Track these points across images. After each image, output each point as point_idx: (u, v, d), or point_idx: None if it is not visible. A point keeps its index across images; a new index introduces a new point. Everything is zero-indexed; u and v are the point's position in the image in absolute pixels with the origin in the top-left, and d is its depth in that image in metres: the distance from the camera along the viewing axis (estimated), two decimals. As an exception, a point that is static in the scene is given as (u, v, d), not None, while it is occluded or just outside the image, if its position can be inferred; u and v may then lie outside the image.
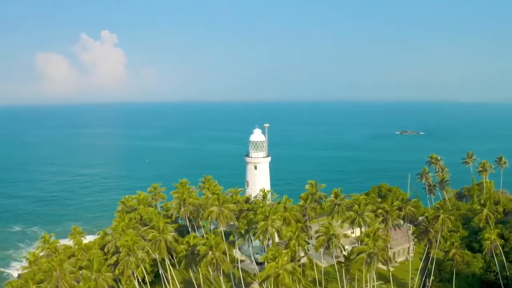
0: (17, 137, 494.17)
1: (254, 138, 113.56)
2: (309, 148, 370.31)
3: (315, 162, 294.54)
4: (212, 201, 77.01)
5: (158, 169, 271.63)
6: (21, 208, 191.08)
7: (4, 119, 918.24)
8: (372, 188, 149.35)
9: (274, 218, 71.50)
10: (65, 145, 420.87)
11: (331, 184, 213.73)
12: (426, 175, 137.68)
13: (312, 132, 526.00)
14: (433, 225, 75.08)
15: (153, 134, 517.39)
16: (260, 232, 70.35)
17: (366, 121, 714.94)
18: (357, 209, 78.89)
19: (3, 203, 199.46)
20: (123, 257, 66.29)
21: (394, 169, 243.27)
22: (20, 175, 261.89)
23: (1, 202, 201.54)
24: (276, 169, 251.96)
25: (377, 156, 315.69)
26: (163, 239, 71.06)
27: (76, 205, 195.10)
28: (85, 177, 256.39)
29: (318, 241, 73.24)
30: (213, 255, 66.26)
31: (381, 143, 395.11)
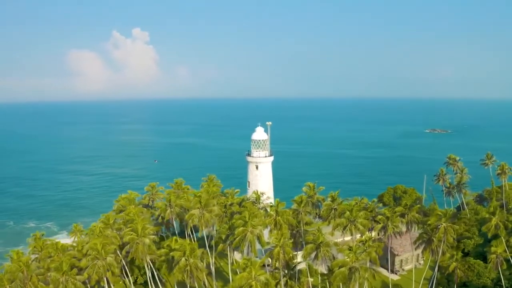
0: (47, 133, 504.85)
1: (256, 136, 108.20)
2: (333, 146, 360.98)
3: (336, 161, 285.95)
4: (194, 203, 72.12)
5: (183, 166, 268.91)
6: (39, 204, 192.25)
7: (38, 115, 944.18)
8: (388, 190, 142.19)
9: (254, 223, 65.88)
10: (95, 141, 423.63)
11: (347, 185, 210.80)
12: (443, 176, 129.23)
13: (340, 129, 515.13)
14: (436, 234, 67.80)
15: (182, 131, 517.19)
16: (238, 238, 64.99)
17: (396, 119, 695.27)
18: (349, 215, 72.22)
19: (22, 198, 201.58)
20: (91, 260, 62.54)
21: (414, 169, 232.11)
22: (44, 171, 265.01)
23: (20, 197, 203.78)
24: (292, 168, 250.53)
25: (402, 155, 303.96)
26: (141, 242, 66.68)
27: (95, 203, 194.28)
28: (109, 175, 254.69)
29: (306, 249, 67.18)
30: (186, 261, 61.39)
31: (408, 141, 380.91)
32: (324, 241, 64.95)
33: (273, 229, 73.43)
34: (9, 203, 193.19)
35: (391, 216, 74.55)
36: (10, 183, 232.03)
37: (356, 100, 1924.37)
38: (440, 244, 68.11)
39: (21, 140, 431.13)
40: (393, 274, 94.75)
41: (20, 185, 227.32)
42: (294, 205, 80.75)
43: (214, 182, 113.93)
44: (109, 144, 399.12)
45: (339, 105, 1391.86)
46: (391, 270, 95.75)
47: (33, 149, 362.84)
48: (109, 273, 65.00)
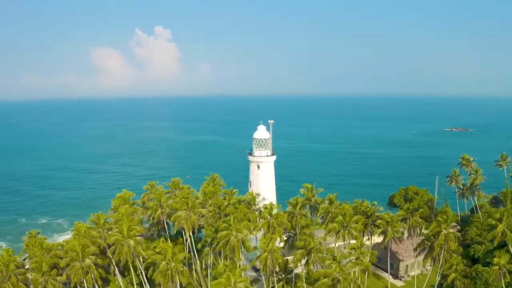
0: (69, 131, 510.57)
1: (258, 135, 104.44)
2: (348, 144, 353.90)
3: (350, 160, 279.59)
4: (180, 205, 68.88)
5: (198, 163, 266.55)
6: (53, 201, 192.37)
7: (61, 112, 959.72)
8: (399, 191, 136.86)
9: (240, 227, 62.21)
10: (115, 139, 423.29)
11: (358, 185, 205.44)
12: (456, 178, 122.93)
13: (357, 127, 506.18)
14: (436, 241, 62.89)
15: (202, 128, 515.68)
16: (222, 243, 61.46)
17: (416, 117, 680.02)
18: (341, 220, 67.73)
19: (38, 195, 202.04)
20: (69, 262, 60.19)
21: (430, 169, 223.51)
22: (62, 169, 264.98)
23: (36, 194, 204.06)
24: (301, 167, 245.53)
25: (418, 154, 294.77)
26: (125, 243, 63.91)
27: (109, 201, 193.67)
28: (127, 172, 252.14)
29: (295, 255, 63.20)
30: (167, 265, 58.26)
31: (426, 140, 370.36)
32: (316, 246, 60.82)
33: (266, 233, 69.70)
34: (23, 199, 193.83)
35: (391, 221, 69.80)
36: (27, 180, 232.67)
37: (373, 97, 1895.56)
38: (441, 251, 63.08)
39: (42, 137, 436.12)
40: (397, 280, 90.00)
41: (36, 182, 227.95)
42: (289, 208, 76.81)
43: (217, 181, 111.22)
44: (129, 141, 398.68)
45: (356, 102, 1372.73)
46: (395, 275, 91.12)
47: (54, 146, 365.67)
48: (88, 275, 62.56)
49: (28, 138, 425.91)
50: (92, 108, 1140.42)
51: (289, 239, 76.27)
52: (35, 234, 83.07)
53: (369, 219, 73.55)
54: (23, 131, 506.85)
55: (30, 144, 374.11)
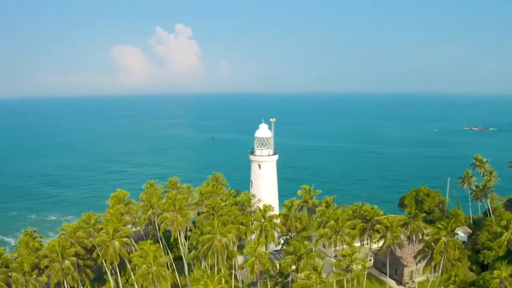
0: (88, 128, 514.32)
1: (259, 134, 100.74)
2: (365, 143, 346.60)
3: (366, 159, 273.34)
4: (168, 206, 65.93)
5: (211, 161, 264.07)
6: (64, 198, 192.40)
7: (82, 110, 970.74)
8: (410, 192, 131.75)
9: (224, 230, 58.90)
10: (132, 136, 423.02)
11: (370, 185, 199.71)
12: (468, 179, 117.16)
13: (372, 125, 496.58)
14: (435, 249, 58.37)
15: (218, 125, 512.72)
16: (205, 247, 58.28)
17: (435, 116, 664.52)
18: (333, 225, 63.63)
19: (50, 192, 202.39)
20: (49, 263, 58.13)
21: (445, 170, 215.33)
22: (77, 166, 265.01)
23: (48, 191, 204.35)
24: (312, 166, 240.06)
25: (434, 154, 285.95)
26: (111, 244, 61.44)
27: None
28: (142, 171, 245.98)
29: (285, 260, 59.59)
30: (148, 269, 55.46)
31: (445, 139, 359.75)
32: (306, 252, 57.07)
33: (259, 236, 66.26)
34: (36, 196, 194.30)
35: (390, 226, 65.46)
36: (42, 177, 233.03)
37: (392, 96, 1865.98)
38: (441, 260, 58.58)
39: (60, 134, 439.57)
40: (401, 286, 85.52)
41: (51, 179, 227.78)
42: (284, 210, 73.15)
43: (219, 180, 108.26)
44: (147, 139, 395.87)
45: (375, 100, 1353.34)
46: (398, 281, 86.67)
47: (71, 144, 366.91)
48: (69, 276, 60.43)
49: (46, 135, 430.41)
50: (112, 106, 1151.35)
51: (286, 243, 72.68)
52: (31, 232, 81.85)
53: (368, 224, 69.33)
54: (42, 128, 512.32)
55: (48, 141, 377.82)
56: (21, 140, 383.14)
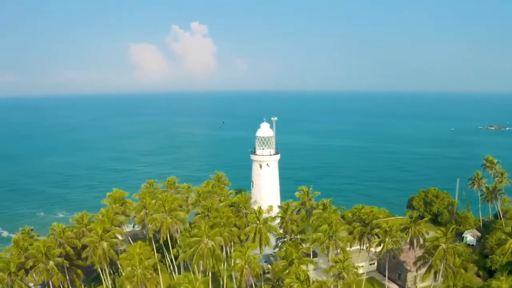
0: (102, 126, 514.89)
1: (261, 133, 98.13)
2: (377, 141, 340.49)
3: (379, 159, 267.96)
4: (157, 207, 63.59)
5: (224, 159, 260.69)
6: (74, 196, 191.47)
7: (100, 107, 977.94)
8: (419, 193, 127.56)
9: (212, 233, 56.25)
10: (149, 134, 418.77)
11: (381, 185, 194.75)
12: (479, 181, 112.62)
13: (386, 124, 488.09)
14: (434, 257, 54.77)
15: (233, 123, 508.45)
16: (192, 250, 55.78)
17: (450, 114, 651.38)
18: (327, 229, 60.34)
19: (61, 189, 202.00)
20: (34, 263, 56.53)
21: (457, 170, 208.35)
22: (90, 164, 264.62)
23: (59, 188, 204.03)
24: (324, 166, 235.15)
25: (446, 154, 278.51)
26: (99, 245, 59.51)
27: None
28: (154, 169, 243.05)
29: (276, 266, 56.72)
30: (133, 272, 53.27)
31: (459, 138, 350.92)
32: (298, 257, 54.08)
33: (253, 239, 63.53)
34: (46, 194, 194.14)
35: (389, 230, 62.03)
36: (53, 175, 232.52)
37: (408, 94, 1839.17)
38: (441, 267, 55.00)
39: (74, 132, 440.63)
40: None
41: (62, 178, 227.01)
42: (280, 212, 70.19)
43: (222, 180, 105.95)
44: (161, 137, 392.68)
45: (387, 99, 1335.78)
46: (402, 286, 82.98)
47: (85, 141, 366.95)
48: (54, 277, 58.74)
49: (60, 133, 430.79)
50: (128, 104, 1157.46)
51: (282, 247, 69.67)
52: (28, 230, 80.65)
53: (366, 227, 65.95)
54: (56, 125, 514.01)
55: (62, 139, 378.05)
56: (34, 138, 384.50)
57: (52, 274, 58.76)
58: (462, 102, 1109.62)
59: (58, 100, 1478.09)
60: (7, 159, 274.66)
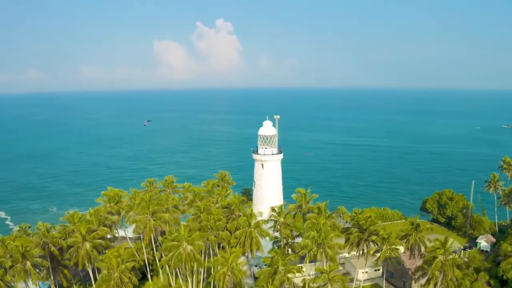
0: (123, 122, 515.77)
1: (263, 131, 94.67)
2: (395, 140, 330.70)
3: (396, 157, 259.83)
4: (141, 208, 60.58)
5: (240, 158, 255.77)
6: (89, 192, 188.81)
7: (125, 104, 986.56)
8: (433, 195, 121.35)
9: (192, 238, 52.83)
10: (170, 132, 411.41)
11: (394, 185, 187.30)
12: (495, 183, 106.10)
13: (406, 122, 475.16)
14: (431, 269, 49.90)
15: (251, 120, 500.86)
16: (170, 255, 52.55)
17: (473, 112, 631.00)
18: (315, 236, 55.92)
19: (74, 186, 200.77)
20: (12, 263, 54.61)
21: (476, 171, 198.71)
22: (107, 161, 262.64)
23: (72, 185, 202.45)
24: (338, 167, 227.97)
25: (470, 153, 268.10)
26: (82, 246, 57.08)
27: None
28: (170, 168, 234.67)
29: (261, 273, 52.90)
30: (108, 275, 50.53)
31: (482, 137, 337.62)
32: (284, 266, 50.11)
33: (244, 243, 59.85)
34: (59, 190, 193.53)
35: (387, 237, 57.30)
36: (72, 171, 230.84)
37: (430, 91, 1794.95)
38: (439, 280, 50.17)
39: (94, 129, 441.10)
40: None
41: (78, 175, 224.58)
42: (272, 216, 66.24)
43: (225, 179, 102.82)
44: (181, 136, 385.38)
45: (412, 96, 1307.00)
46: (405, 295, 77.95)
47: (104, 138, 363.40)
48: (33, 277, 56.68)
49: (83, 130, 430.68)
50: (153, 100, 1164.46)
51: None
52: (25, 228, 79.38)
53: (364, 234, 61.28)
54: (80, 122, 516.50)
55: (84, 136, 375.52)
56: (58, 135, 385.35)
57: (30, 275, 56.73)
58: (484, 100, 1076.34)
59: (84, 96, 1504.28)
60: (30, 157, 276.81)
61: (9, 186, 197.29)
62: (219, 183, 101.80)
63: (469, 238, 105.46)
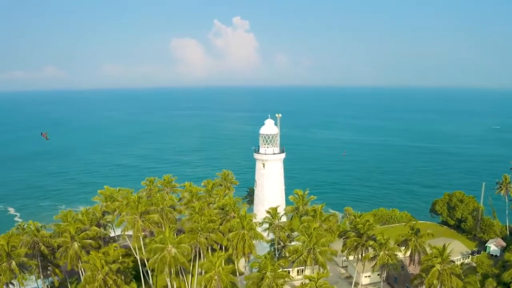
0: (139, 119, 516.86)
1: (265, 130, 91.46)
2: (411, 139, 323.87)
3: (409, 156, 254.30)
4: (130, 209, 58.81)
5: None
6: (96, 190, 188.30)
7: (142, 101, 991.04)
8: (443, 197, 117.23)
9: (177, 240, 50.84)
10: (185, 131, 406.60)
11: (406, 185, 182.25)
12: (506, 185, 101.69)
13: (425, 121, 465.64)
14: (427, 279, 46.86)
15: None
16: (155, 258, 50.65)
17: (490, 111, 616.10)
18: (306, 240, 53.20)
19: (86, 185, 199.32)
20: None
21: (490, 172, 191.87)
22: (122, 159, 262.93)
23: (82, 184, 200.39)
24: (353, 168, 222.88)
25: (486, 153, 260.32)
26: (71, 246, 55.78)
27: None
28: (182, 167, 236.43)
29: (248, 278, 50.62)
30: (92, 277, 48.97)
31: (501, 137, 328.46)
32: (273, 271, 47.70)
33: (236, 246, 57.71)
34: (71, 188, 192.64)
35: (385, 243, 54.37)
36: (83, 169, 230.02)
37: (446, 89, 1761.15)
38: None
39: (111, 126, 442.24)
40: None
41: (88, 171, 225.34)
42: (266, 218, 63.73)
43: (228, 178, 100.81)
44: (195, 135, 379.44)
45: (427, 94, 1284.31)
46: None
47: (124, 136, 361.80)
48: (18, 277, 55.55)
49: (100, 128, 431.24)
50: (171, 98, 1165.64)
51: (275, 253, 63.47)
52: (23, 225, 78.59)
53: (361, 239, 58.37)
54: (93, 120, 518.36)
55: (100, 134, 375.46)
56: (69, 133, 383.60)
57: (16, 275, 55.67)
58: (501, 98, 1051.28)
59: (103, 93, 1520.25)
60: (42, 154, 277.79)
61: (21, 183, 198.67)
62: (222, 183, 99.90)
63: (478, 242, 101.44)
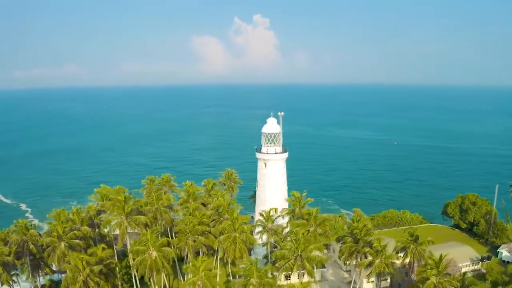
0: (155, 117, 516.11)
1: (267, 129, 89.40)
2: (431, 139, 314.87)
3: (425, 156, 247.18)
4: (117, 209, 56.86)
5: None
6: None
7: (165, 98, 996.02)
8: (456, 199, 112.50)
9: (159, 244, 48.64)
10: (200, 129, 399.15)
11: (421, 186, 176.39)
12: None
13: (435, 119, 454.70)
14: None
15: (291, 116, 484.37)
16: (136, 260, 48.58)
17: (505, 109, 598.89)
18: (293, 247, 50.23)
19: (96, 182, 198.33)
20: None
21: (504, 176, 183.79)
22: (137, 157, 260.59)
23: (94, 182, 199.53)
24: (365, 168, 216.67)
25: (501, 154, 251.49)
26: (58, 246, 54.38)
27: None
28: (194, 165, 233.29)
29: (233, 284, 48.19)
30: (73, 278, 47.27)
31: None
32: (259, 277, 45.00)
33: (227, 249, 55.34)
34: (83, 186, 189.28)
35: (382, 250, 51.09)
36: (98, 167, 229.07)
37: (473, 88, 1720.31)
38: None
39: (127, 123, 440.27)
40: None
41: (106, 169, 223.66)
42: (259, 220, 61.05)
43: (232, 177, 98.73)
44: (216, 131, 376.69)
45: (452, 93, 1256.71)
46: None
47: (141, 135, 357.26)
48: (2, 277, 54.45)
49: (117, 125, 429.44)
50: (192, 95, 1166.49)
51: (268, 257, 60.77)
52: (23, 224, 77.88)
53: (358, 245, 55.11)
54: (115, 117, 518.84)
55: (118, 132, 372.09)
56: (86, 131, 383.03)
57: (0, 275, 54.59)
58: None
59: (124, 91, 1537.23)
60: (57, 151, 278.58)
61: (34, 180, 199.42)
62: (225, 182, 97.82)
63: (490, 247, 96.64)
